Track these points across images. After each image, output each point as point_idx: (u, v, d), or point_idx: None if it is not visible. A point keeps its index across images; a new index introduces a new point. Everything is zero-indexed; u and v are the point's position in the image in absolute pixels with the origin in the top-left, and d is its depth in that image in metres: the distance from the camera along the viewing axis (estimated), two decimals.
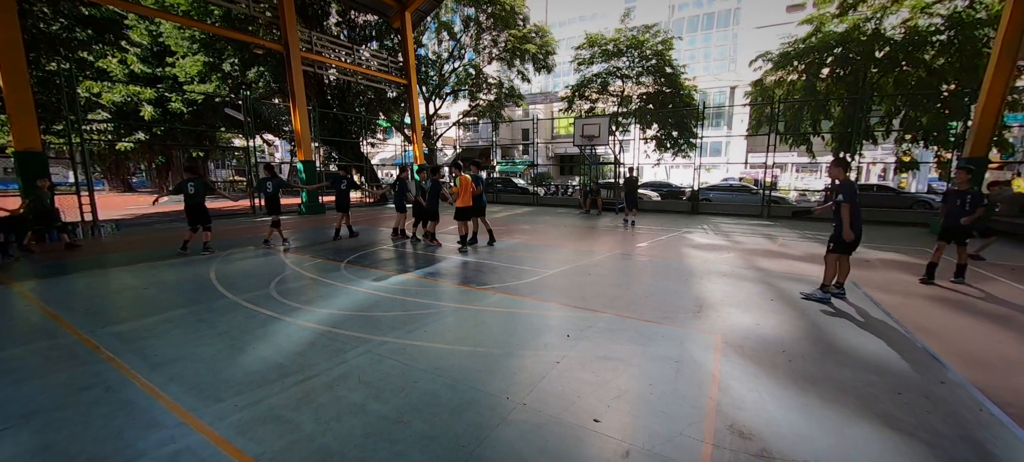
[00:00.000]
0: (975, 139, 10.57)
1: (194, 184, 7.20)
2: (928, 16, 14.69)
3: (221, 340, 3.63)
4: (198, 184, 7.25)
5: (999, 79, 10.08)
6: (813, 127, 17.24)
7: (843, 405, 2.74)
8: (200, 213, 7.34)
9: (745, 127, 28.81)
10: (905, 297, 5.27)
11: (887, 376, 3.15)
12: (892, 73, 15.71)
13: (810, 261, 7.23)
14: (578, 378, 3.03)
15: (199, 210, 7.31)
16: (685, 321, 4.23)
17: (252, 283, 5.49)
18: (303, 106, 14.46)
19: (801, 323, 4.22)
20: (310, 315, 4.28)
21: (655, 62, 19.73)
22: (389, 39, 23.44)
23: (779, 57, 17.31)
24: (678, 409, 2.65)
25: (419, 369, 3.13)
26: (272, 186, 8.13)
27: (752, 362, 3.34)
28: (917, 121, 16.04)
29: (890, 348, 3.66)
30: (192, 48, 18.51)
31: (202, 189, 7.31)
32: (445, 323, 4.10)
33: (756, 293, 5.28)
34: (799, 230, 11.34)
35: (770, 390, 2.90)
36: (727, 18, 39.03)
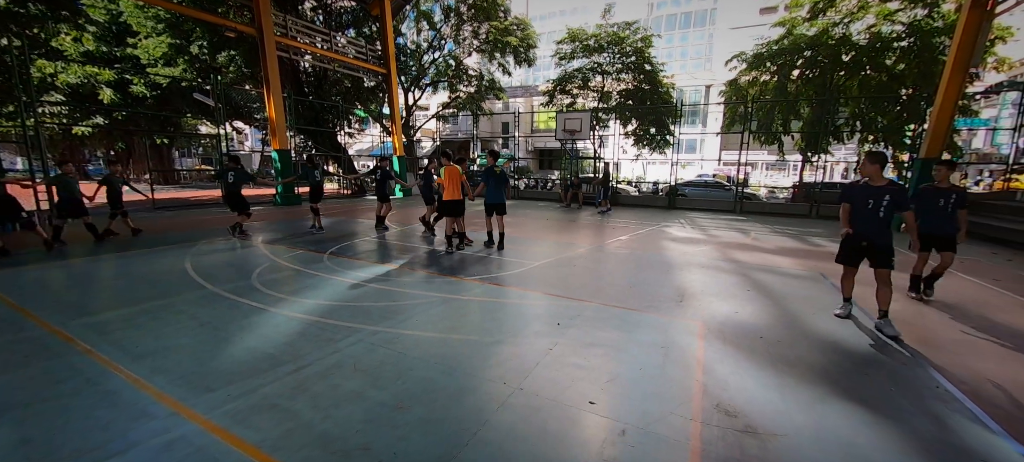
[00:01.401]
0: (930, 140, 11.26)
1: (234, 173, 7.93)
2: (891, 23, 15.48)
3: (205, 331, 3.53)
4: (238, 174, 7.97)
5: (953, 84, 10.75)
6: (784, 126, 17.94)
7: (815, 384, 2.93)
8: (237, 200, 7.97)
9: (719, 125, 29.72)
10: (867, 285, 5.59)
11: (854, 358, 3.38)
12: (857, 76, 16.50)
13: (781, 253, 7.58)
14: (571, 364, 3.11)
15: (236, 198, 7.96)
16: (668, 310, 4.39)
17: (232, 274, 5.33)
18: (278, 93, 13.99)
19: (776, 311, 4.45)
20: (297, 306, 4.21)
21: (635, 59, 20.02)
22: (367, 27, 22.87)
23: (753, 58, 17.89)
24: (668, 391, 2.77)
25: (413, 357, 3.15)
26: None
27: (733, 347, 3.51)
28: (877, 122, 16.93)
29: (857, 333, 3.91)
30: (156, 28, 17.55)
31: (241, 178, 8.04)
32: (435, 312, 4.11)
33: (733, 284, 5.51)
34: (770, 225, 11.83)
35: (750, 372, 3.07)
36: (703, 18, 40.03)
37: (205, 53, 17.76)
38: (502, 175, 7.11)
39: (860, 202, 3.97)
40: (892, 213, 3.81)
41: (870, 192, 3.89)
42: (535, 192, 20.74)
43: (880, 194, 3.83)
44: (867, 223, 3.93)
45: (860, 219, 4.00)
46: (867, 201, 3.90)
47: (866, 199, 3.91)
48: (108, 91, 18.11)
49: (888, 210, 3.81)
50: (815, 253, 7.76)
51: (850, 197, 4.10)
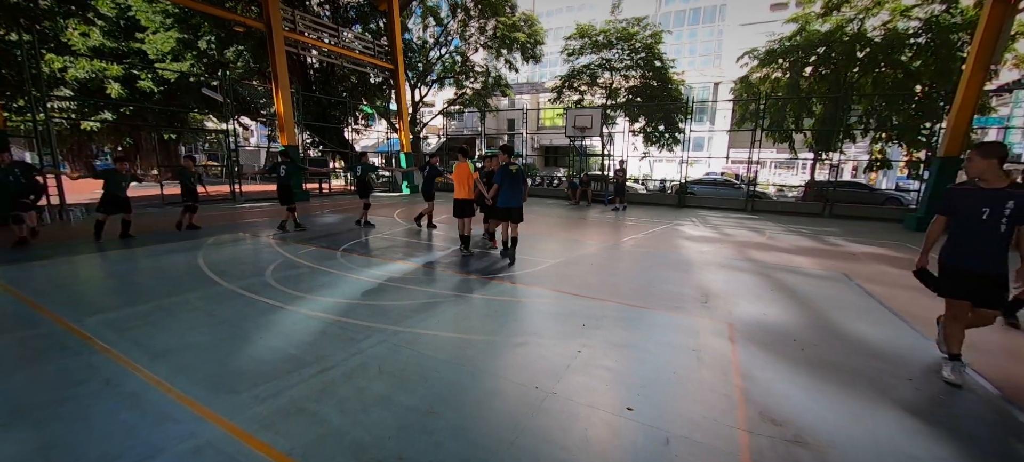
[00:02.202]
0: (950, 138, 11.04)
1: (285, 167, 7.95)
2: (907, 19, 15.20)
3: (223, 329, 3.44)
4: (289, 167, 7.98)
5: (974, 81, 10.53)
6: (796, 124, 17.70)
7: (860, 391, 2.80)
8: (287, 194, 8.01)
9: (728, 123, 29.42)
10: (891, 287, 5.45)
11: (894, 363, 3.25)
12: (871, 73, 16.23)
13: (800, 253, 7.43)
14: (602, 366, 3.00)
15: (287, 191, 7.99)
16: (694, 310, 4.27)
17: (246, 270, 5.25)
18: (286, 88, 13.91)
19: (804, 313, 4.32)
20: (314, 304, 4.12)
21: (644, 55, 19.81)
22: (374, 22, 22.76)
23: (765, 54, 17.65)
24: (707, 397, 2.66)
25: (437, 359, 3.05)
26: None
27: (767, 350, 3.39)
28: (891, 121, 16.67)
29: (892, 335, 3.78)
30: (165, 23, 17.50)
31: (292, 172, 8.06)
32: (454, 312, 4.01)
33: (755, 284, 5.38)
34: (784, 224, 11.66)
35: (791, 377, 2.95)
36: (712, 14, 39.59)
37: (213, 48, 17.72)
38: (519, 174, 5.98)
39: (971, 211, 2.88)
40: (1014, 226, 2.76)
41: (985, 198, 2.84)
42: (541, 190, 20.60)
43: (1000, 201, 2.76)
44: (981, 241, 2.85)
45: (969, 237, 2.90)
46: (981, 210, 2.83)
47: (979, 207, 2.84)
48: (116, 86, 18.09)
49: (1011, 223, 2.75)
50: (834, 253, 7.60)
51: (954, 205, 3.00)
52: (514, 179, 5.93)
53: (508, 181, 5.89)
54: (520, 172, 6.03)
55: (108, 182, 6.99)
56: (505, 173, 5.90)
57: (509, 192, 5.92)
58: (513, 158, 6.11)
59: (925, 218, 11.14)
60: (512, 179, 5.92)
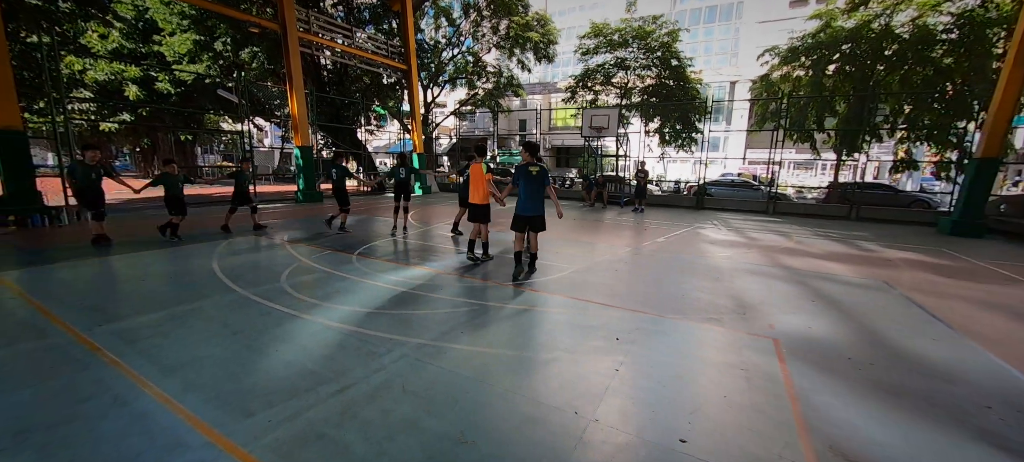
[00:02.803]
0: (988, 139, 10.50)
1: (337, 170, 8.30)
2: (937, 13, 14.59)
3: (237, 341, 3.27)
4: (341, 170, 8.32)
5: (1015, 79, 9.99)
6: (818, 124, 17.15)
7: (938, 421, 2.51)
8: (342, 195, 8.33)
9: (745, 122, 28.79)
10: (940, 298, 5.09)
11: (964, 386, 2.94)
12: (899, 71, 15.62)
13: (833, 259, 7.06)
14: (644, 389, 2.75)
15: (342, 193, 8.32)
16: (732, 323, 3.99)
17: (260, 276, 5.10)
18: (300, 89, 13.88)
19: (852, 327, 4.01)
20: (331, 313, 3.94)
21: (661, 54, 19.42)
22: (386, 22, 22.74)
23: (787, 52, 17.12)
24: (764, 425, 2.39)
25: (465, 376, 2.83)
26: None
27: (820, 370, 3.10)
28: (920, 120, 16.02)
29: (954, 354, 3.46)
30: (181, 25, 17.66)
31: (343, 175, 8.35)
32: (480, 323, 3.79)
33: (793, 293, 5.06)
34: (809, 227, 11.23)
35: (853, 404, 2.66)
36: (729, 12, 38.82)
37: (228, 50, 17.82)
38: (541, 176, 5.13)
39: None
40: None
41: None
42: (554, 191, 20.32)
43: None
44: None
45: None
46: None
47: None
48: (134, 88, 18.34)
49: None
50: (870, 259, 7.21)
51: None
52: (533, 182, 5.11)
53: (526, 184, 5.11)
54: (542, 174, 5.15)
55: (167, 185, 7.13)
56: (523, 175, 5.11)
57: (526, 197, 5.12)
58: (536, 157, 5.29)
59: (961, 222, 10.63)
60: (531, 182, 5.11)
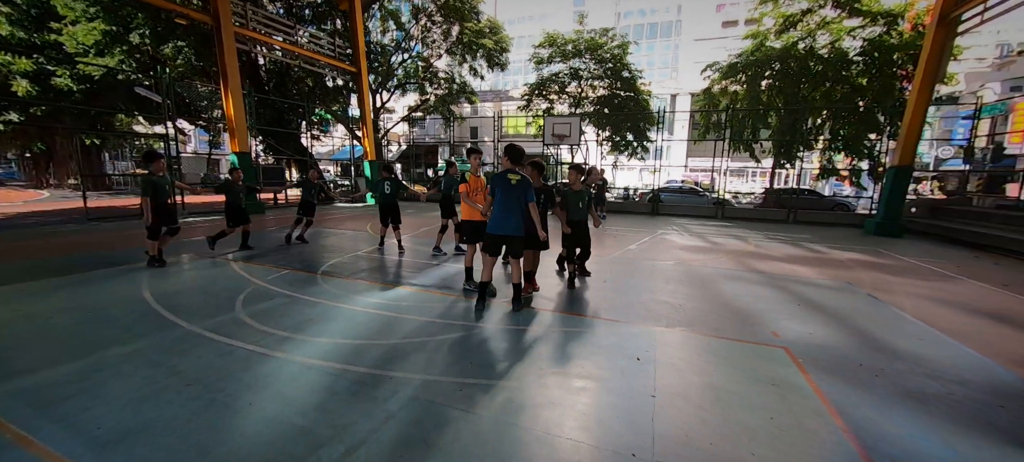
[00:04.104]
0: (902, 150, 11.81)
1: (390, 183, 7.30)
2: (851, 38, 16.37)
3: (195, 393, 2.62)
4: (394, 183, 7.35)
5: (923, 96, 11.34)
6: (754, 135, 18.53)
7: (972, 426, 2.52)
8: (394, 213, 7.36)
9: (686, 132, 30.60)
10: (903, 297, 5.45)
11: (973, 386, 3.04)
12: (821, 88, 17.31)
13: (794, 262, 7.45)
14: (689, 415, 2.53)
15: (394, 210, 7.35)
16: (738, 332, 3.93)
17: (208, 305, 4.31)
18: (238, 90, 12.55)
19: (843, 329, 4.11)
20: (309, 347, 3.34)
21: (612, 66, 20.06)
22: (329, 22, 21.44)
23: (727, 68, 18.38)
24: (826, 451, 2.25)
25: (493, 419, 2.44)
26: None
27: (841, 378, 3.08)
28: (839, 133, 17.85)
29: (942, 353, 3.61)
30: (87, 12, 15.34)
31: (398, 187, 7.44)
32: (486, 349, 3.40)
33: (776, 298, 5.18)
34: (759, 231, 11.94)
35: (893, 416, 2.62)
36: (669, 29, 41.44)
37: (147, 43, 15.75)
38: (522, 186, 4.11)
39: None
40: None
41: None
42: None
43: None
44: None
45: None
46: None
47: None
48: (24, 83, 15.62)
49: None
50: (824, 260, 7.70)
51: None
52: (511, 194, 4.09)
53: (503, 195, 4.12)
54: (524, 185, 4.12)
55: (228, 194, 6.91)
56: (500, 184, 4.12)
57: (500, 211, 4.13)
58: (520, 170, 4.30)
59: (884, 223, 11.84)
60: (508, 193, 4.09)
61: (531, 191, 4.20)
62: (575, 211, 5.24)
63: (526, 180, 4.20)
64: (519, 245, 4.21)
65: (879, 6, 15.93)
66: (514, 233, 4.15)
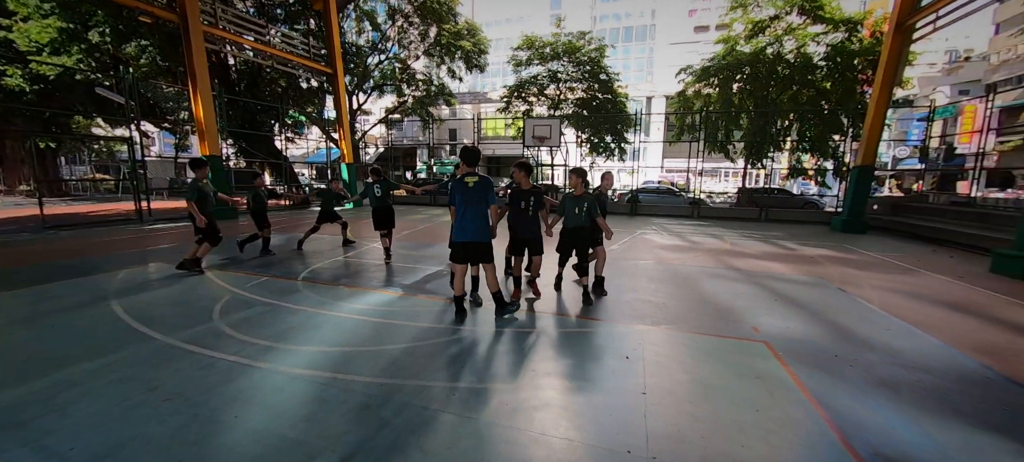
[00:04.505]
0: (865, 150, 12.43)
1: (380, 186, 6.87)
2: (816, 44, 17.12)
3: (175, 409, 2.50)
4: (384, 186, 6.89)
5: (882, 99, 11.97)
6: (727, 136, 19.13)
7: (943, 412, 2.67)
8: (389, 215, 6.89)
9: (661, 134, 31.30)
10: (869, 290, 5.73)
11: (938, 374, 3.22)
12: (789, 91, 18.03)
13: (768, 259, 7.72)
14: (680, 411, 2.59)
15: (389, 213, 6.89)
16: (721, 329, 4.04)
17: (184, 315, 4.13)
18: (207, 91, 12.10)
19: (818, 323, 4.29)
20: (294, 356, 3.25)
21: (590, 68, 20.34)
22: (302, 22, 20.96)
23: (699, 71, 18.91)
24: (810, 439, 2.35)
25: (488, 423, 2.43)
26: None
27: (819, 369, 3.21)
28: (806, 134, 18.64)
29: (909, 343, 3.81)
30: (41, 8, 14.48)
31: (387, 191, 6.98)
32: (476, 353, 3.39)
33: (756, 295, 5.36)
34: (734, 230, 12.33)
35: (869, 404, 2.75)
36: (643, 33, 42.43)
37: (108, 41, 15.00)
38: (480, 187, 3.99)
39: None
40: None
41: None
42: None
43: None
44: None
45: None
46: None
47: None
48: None
49: None
50: (796, 257, 8.01)
51: None
52: (470, 197, 3.94)
53: (462, 200, 3.98)
54: (483, 186, 3.95)
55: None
56: (458, 188, 3.99)
57: (461, 217, 3.99)
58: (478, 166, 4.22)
59: (849, 220, 12.42)
60: (467, 197, 3.95)
61: (491, 192, 4.01)
62: (571, 217, 4.75)
63: (485, 181, 4.01)
64: (484, 251, 4.07)
65: (841, 13, 16.73)
66: (475, 238, 4.02)
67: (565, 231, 4.88)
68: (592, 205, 4.71)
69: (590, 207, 4.70)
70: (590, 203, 4.71)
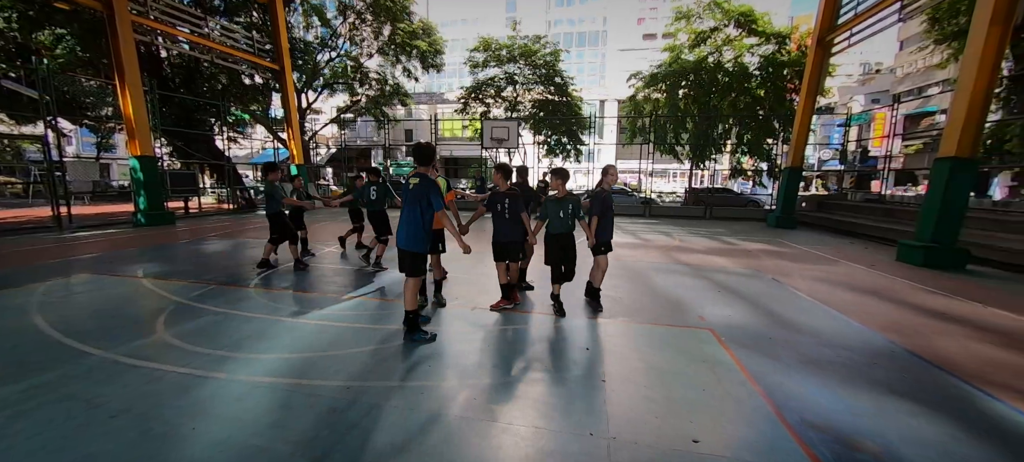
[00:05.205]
0: (793, 153, 13.65)
1: (376, 189, 6.55)
2: (751, 54, 18.55)
3: (124, 423, 2.37)
4: (380, 189, 6.59)
5: (808, 107, 13.20)
6: (675, 139, 20.26)
7: (858, 382, 3.07)
8: (382, 221, 6.57)
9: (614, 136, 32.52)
10: (798, 279, 6.35)
11: (855, 350, 3.68)
12: (728, 98, 19.40)
13: (713, 253, 8.32)
14: (637, 395, 2.79)
15: (383, 218, 6.59)
16: (673, 320, 4.35)
17: (123, 328, 3.84)
18: (137, 85, 11.14)
19: (756, 311, 4.73)
20: (253, 365, 3.15)
21: (546, 71, 20.78)
22: (244, 15, 19.75)
23: (648, 77, 19.88)
24: (748, 414, 2.63)
25: (457, 416, 2.50)
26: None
27: (758, 353, 3.56)
28: (744, 137, 20.13)
29: (830, 324, 4.31)
30: None
31: (384, 195, 6.65)
32: (442, 352, 3.44)
33: (703, 287, 5.78)
34: (681, 227, 13.10)
35: (798, 379, 3.10)
36: (596, 38, 43.89)
37: (14, 29, 13.39)
38: (418, 189, 3.57)
39: None
40: None
41: None
42: None
43: None
44: None
45: None
46: None
47: None
48: None
49: None
50: (737, 251, 8.69)
51: None
52: (406, 200, 3.60)
53: (405, 203, 3.62)
54: (420, 188, 3.55)
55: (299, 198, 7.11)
56: (404, 191, 3.67)
57: (402, 222, 3.63)
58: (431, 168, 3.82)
59: (782, 217, 13.58)
60: (405, 200, 3.61)
61: (434, 196, 3.56)
62: (556, 222, 4.36)
63: (424, 183, 3.57)
64: (409, 261, 3.59)
65: (771, 28, 18.24)
66: (402, 245, 3.59)
67: (551, 238, 4.44)
68: (577, 208, 4.37)
69: (575, 210, 4.35)
70: (574, 205, 4.35)
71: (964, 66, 7.24)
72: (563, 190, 4.39)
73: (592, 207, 4.46)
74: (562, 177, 4.44)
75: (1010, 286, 6.22)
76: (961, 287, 6.02)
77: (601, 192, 4.50)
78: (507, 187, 4.47)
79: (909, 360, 3.50)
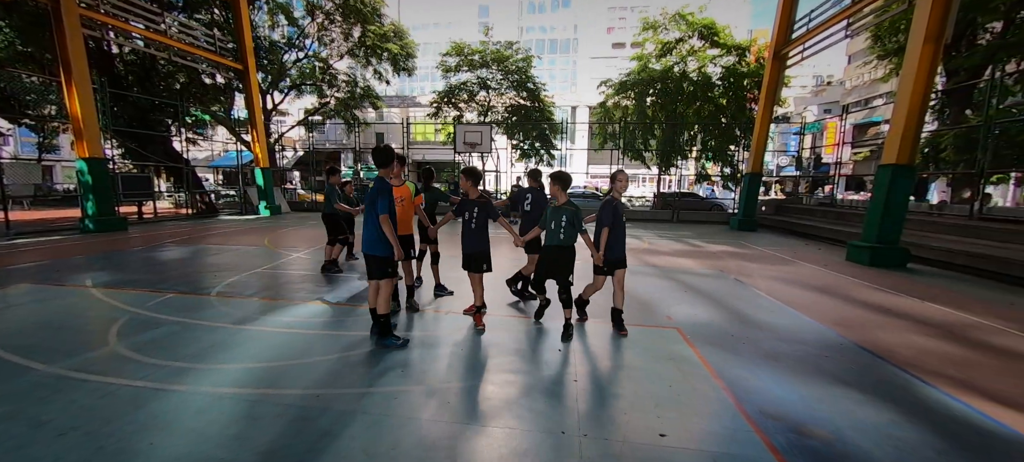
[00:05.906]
0: (754, 159, 14.34)
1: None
2: (713, 65, 19.37)
3: (73, 442, 2.23)
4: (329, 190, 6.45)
5: (766, 115, 13.91)
6: (644, 144, 20.85)
7: (811, 374, 3.27)
8: (336, 223, 6.51)
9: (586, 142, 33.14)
10: (759, 279, 6.68)
11: (808, 344, 3.91)
12: (693, 106, 20.16)
13: (680, 256, 8.62)
14: (606, 392, 2.88)
15: (334, 220, 6.47)
16: (642, 319, 4.50)
17: (69, 340, 3.61)
18: (85, 83, 10.49)
19: (720, 309, 4.95)
20: (216, 375, 3.03)
21: (518, 77, 20.95)
22: (204, 11, 18.93)
23: (618, 85, 20.41)
24: (712, 407, 2.75)
25: (429, 421, 2.50)
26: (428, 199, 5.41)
27: (720, 349, 3.73)
28: (708, 143, 20.95)
29: (787, 321, 4.57)
30: None
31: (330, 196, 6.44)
32: (412, 358, 3.42)
33: (669, 288, 5.99)
34: (651, 230, 13.49)
35: (756, 372, 3.27)
36: (567, 45, 44.69)
37: None
38: (371, 193, 3.50)
39: None
40: None
41: None
42: None
43: None
44: None
45: None
46: None
47: None
48: None
49: None
50: (702, 253, 9.04)
51: None
52: (367, 203, 3.51)
53: (368, 206, 3.52)
54: (373, 192, 3.45)
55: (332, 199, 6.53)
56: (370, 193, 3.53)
57: (363, 226, 3.61)
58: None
59: (743, 220, 14.22)
60: (366, 202, 3.53)
61: (379, 198, 3.41)
62: (550, 233, 3.98)
63: (376, 185, 3.50)
64: (372, 264, 3.58)
65: (732, 40, 19.12)
66: (365, 249, 3.57)
67: (545, 249, 4.10)
68: (577, 218, 3.96)
69: (573, 220, 3.93)
70: (570, 215, 3.92)
71: (902, 80, 7.86)
72: (563, 197, 4.02)
73: (601, 218, 4.02)
74: (562, 183, 4.03)
75: (945, 283, 6.76)
76: (902, 284, 6.50)
77: (611, 200, 4.04)
78: (478, 194, 4.14)
79: (856, 352, 3.76)
